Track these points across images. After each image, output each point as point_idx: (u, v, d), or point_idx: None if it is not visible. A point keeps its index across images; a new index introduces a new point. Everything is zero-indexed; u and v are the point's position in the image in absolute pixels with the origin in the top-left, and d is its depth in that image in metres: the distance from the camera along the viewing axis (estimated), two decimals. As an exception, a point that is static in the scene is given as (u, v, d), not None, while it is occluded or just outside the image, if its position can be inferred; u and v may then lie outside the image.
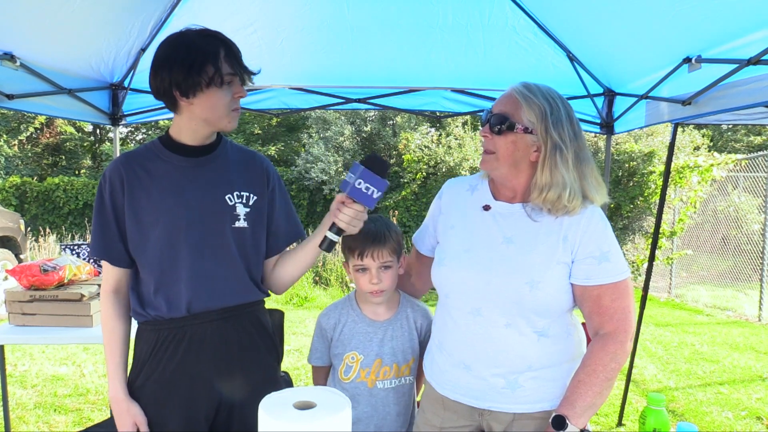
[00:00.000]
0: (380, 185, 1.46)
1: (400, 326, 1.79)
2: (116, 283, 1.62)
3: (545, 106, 1.43)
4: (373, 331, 1.77)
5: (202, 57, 1.45)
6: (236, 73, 1.50)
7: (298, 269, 1.73)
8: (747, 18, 2.02)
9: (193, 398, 1.57)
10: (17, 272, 2.72)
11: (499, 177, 1.53)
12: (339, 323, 1.79)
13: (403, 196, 10.13)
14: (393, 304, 1.82)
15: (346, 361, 1.77)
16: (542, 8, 2.86)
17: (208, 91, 1.47)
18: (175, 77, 1.45)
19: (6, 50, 2.37)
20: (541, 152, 1.43)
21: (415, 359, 1.81)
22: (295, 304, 7.58)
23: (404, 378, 1.79)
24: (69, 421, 3.67)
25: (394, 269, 1.75)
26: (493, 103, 1.52)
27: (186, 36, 1.49)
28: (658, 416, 1.52)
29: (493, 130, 1.46)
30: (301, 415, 0.97)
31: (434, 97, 3.70)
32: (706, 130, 12.48)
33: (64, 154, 16.75)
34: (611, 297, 1.43)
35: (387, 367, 1.76)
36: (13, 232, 7.29)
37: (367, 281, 1.72)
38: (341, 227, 1.51)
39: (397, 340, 1.78)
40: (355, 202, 1.48)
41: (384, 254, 1.71)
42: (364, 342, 1.76)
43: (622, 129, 3.54)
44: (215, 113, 1.51)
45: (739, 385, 4.61)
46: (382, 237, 1.70)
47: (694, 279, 9.01)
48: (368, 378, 1.75)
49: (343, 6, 2.89)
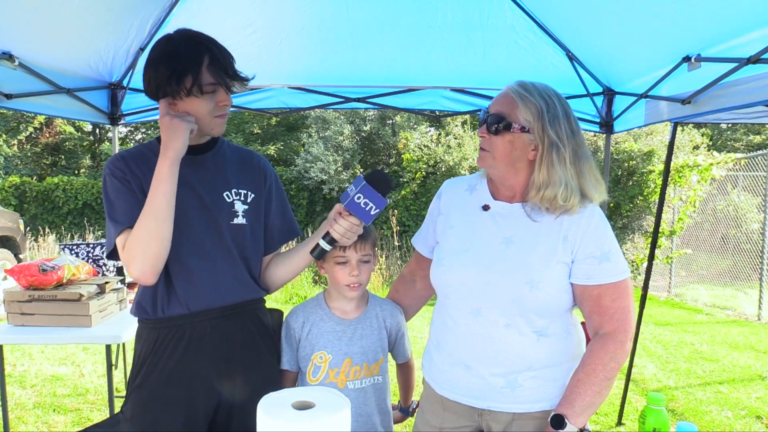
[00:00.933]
0: (379, 203, 1.47)
1: (369, 325, 1.77)
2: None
3: (541, 105, 1.43)
4: (341, 329, 1.74)
5: (183, 66, 1.45)
6: (219, 82, 1.49)
7: (289, 272, 1.74)
8: (746, 17, 2.02)
9: (193, 397, 1.56)
10: (16, 272, 2.72)
11: (496, 176, 1.53)
12: (307, 322, 1.75)
13: (403, 196, 10.13)
14: (362, 302, 1.80)
15: (314, 361, 1.73)
16: (542, 7, 2.85)
17: (188, 99, 1.48)
18: (158, 81, 1.48)
19: (4, 50, 2.36)
20: (538, 151, 1.44)
21: (384, 358, 1.79)
22: (294, 303, 7.59)
23: (374, 377, 1.76)
24: (68, 421, 3.66)
25: (371, 264, 1.76)
26: (490, 102, 1.52)
27: (172, 42, 1.50)
28: (657, 416, 1.52)
29: (490, 130, 1.46)
30: (300, 415, 0.97)
31: (434, 96, 3.70)
32: (705, 129, 12.48)
33: (64, 153, 16.75)
34: (611, 297, 1.43)
35: (357, 366, 1.73)
36: (13, 232, 7.29)
37: (346, 274, 1.70)
38: (334, 237, 1.53)
39: (367, 338, 1.75)
40: (352, 215, 1.50)
41: (366, 247, 1.71)
42: (333, 341, 1.73)
43: (622, 128, 3.53)
44: (198, 120, 1.52)
45: (739, 384, 4.61)
46: (364, 231, 1.69)
47: (693, 278, 9.01)
48: (338, 378, 1.72)
49: (342, 5, 2.89)
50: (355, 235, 1.54)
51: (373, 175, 1.48)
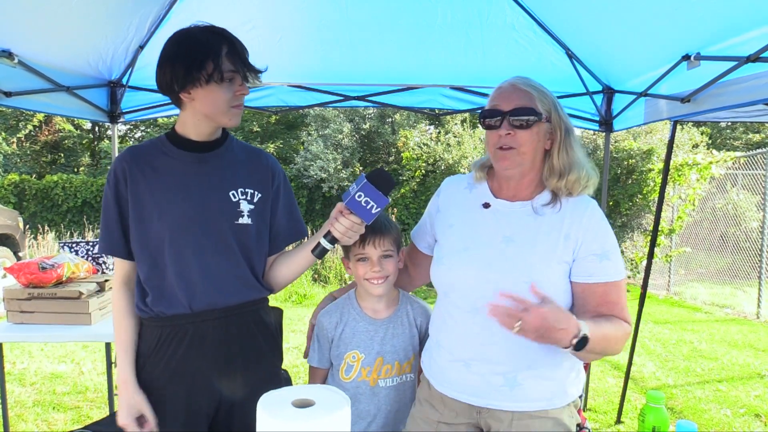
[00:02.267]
0: (381, 201, 1.46)
1: (401, 323, 1.79)
2: (125, 276, 1.63)
3: (549, 94, 1.49)
4: (374, 329, 1.77)
5: (203, 53, 1.46)
6: (237, 70, 1.50)
7: (292, 271, 1.73)
8: (746, 15, 2.02)
9: (194, 395, 1.57)
10: (16, 270, 2.71)
11: (518, 174, 1.51)
12: (340, 322, 1.78)
13: (402, 194, 10.13)
14: (392, 301, 1.82)
15: (347, 360, 1.76)
16: (541, 6, 2.85)
17: (208, 87, 1.48)
18: (176, 72, 1.47)
19: (4, 47, 2.36)
20: (556, 137, 1.47)
21: (416, 356, 1.81)
22: (293, 301, 7.59)
23: (406, 375, 1.80)
24: (68, 419, 3.67)
25: (395, 260, 1.75)
26: (494, 101, 1.50)
27: (190, 32, 1.50)
28: (657, 414, 1.52)
29: (516, 125, 1.45)
30: (300, 413, 0.97)
31: (433, 94, 3.70)
32: (704, 127, 12.48)
33: (63, 151, 16.73)
34: (617, 294, 1.45)
35: (389, 365, 1.76)
36: (12, 230, 7.28)
37: (368, 269, 1.71)
38: (335, 236, 1.52)
39: (398, 338, 1.78)
40: (353, 214, 1.49)
41: (385, 243, 1.71)
42: (366, 341, 1.76)
43: (621, 126, 3.53)
44: (215, 109, 1.52)
45: (738, 382, 4.62)
46: (382, 227, 1.71)
47: (692, 276, 9.01)
48: (370, 377, 1.75)
49: (342, 4, 2.89)
50: (356, 234, 1.53)
51: (375, 174, 1.47)
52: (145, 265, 1.57)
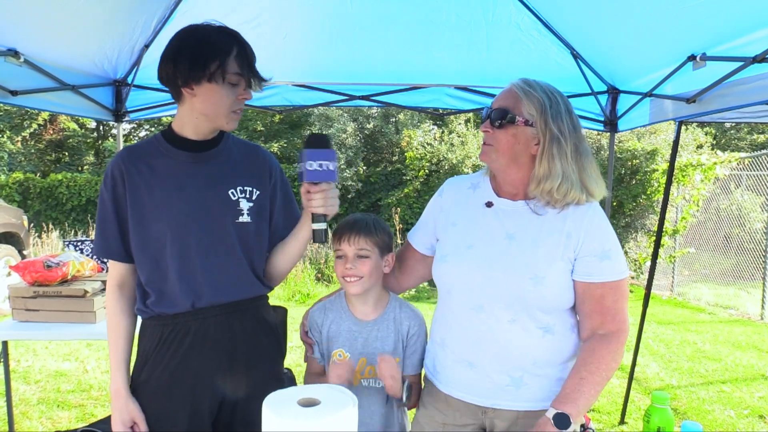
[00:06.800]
0: (329, 156, 1.49)
1: (386, 327, 1.75)
2: (120, 278, 1.62)
3: (544, 100, 1.46)
4: (358, 330, 1.74)
5: (211, 51, 1.46)
6: (243, 74, 1.50)
7: (287, 260, 1.73)
8: (752, 15, 2.01)
9: (197, 393, 1.57)
10: (21, 268, 2.73)
11: (498, 170, 1.54)
12: (326, 319, 1.76)
13: (406, 194, 10.13)
14: (381, 304, 1.78)
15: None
16: (546, 6, 2.85)
17: (210, 85, 1.48)
18: (180, 65, 1.46)
19: (10, 46, 2.37)
20: (540, 145, 1.45)
21: (399, 360, 1.77)
22: (297, 301, 7.59)
23: None
24: (72, 417, 3.68)
25: (372, 261, 1.69)
26: (494, 99, 1.53)
27: (203, 29, 1.50)
28: (662, 414, 1.52)
29: (494, 124, 1.48)
30: (306, 412, 0.97)
31: (437, 94, 3.69)
32: (709, 128, 12.44)
33: (68, 150, 16.78)
34: (614, 297, 1.44)
35: (371, 366, 1.72)
36: (17, 228, 7.30)
37: (343, 267, 1.69)
38: (320, 212, 1.53)
39: (382, 341, 1.74)
40: (317, 184, 1.50)
41: (360, 242, 1.68)
42: (349, 340, 1.73)
43: (626, 127, 3.52)
44: (215, 110, 1.52)
45: (742, 383, 4.61)
46: (361, 225, 1.69)
47: (696, 277, 8.99)
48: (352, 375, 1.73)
49: (346, 3, 2.89)
50: (335, 198, 1.53)
51: (308, 139, 1.50)
52: (146, 267, 1.57)
